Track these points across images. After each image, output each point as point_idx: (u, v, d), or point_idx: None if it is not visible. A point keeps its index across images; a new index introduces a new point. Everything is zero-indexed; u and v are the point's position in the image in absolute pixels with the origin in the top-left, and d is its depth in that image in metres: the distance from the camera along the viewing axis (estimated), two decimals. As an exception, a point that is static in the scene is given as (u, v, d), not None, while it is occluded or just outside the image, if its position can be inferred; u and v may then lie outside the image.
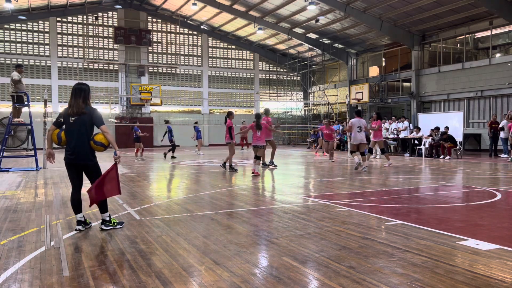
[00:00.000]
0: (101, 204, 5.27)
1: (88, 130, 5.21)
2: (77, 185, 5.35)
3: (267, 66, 35.57)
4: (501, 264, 3.86)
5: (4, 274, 3.71)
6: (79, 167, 5.27)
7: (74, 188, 5.35)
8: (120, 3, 30.35)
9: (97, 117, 5.24)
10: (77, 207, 5.28)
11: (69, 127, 5.20)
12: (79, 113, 5.17)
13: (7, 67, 27.51)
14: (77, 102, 5.20)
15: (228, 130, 12.55)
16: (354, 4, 22.29)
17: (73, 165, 5.25)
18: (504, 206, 6.84)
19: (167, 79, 32.11)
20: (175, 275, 3.64)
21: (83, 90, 5.26)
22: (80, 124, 5.17)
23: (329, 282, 3.45)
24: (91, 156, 5.26)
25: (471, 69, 21.43)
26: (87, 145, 5.20)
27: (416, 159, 17.62)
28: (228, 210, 6.54)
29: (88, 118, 5.19)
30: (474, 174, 11.67)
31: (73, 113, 5.18)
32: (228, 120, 12.77)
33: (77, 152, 5.17)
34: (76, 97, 5.22)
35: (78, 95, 5.22)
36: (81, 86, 5.31)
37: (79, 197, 5.33)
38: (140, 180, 10.68)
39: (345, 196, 7.82)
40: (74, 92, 5.25)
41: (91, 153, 5.28)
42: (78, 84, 5.37)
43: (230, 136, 12.59)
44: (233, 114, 13.12)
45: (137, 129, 17.98)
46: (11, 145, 25.28)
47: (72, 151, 5.18)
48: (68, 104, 5.32)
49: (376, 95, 27.31)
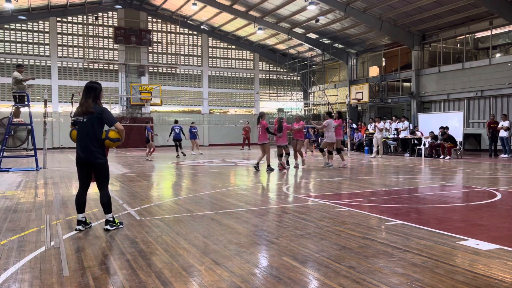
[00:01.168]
0: (106, 204, 5.27)
1: (96, 129, 5.17)
2: (85, 185, 5.35)
3: (267, 66, 35.57)
4: (501, 264, 3.86)
5: (4, 274, 3.71)
6: (88, 166, 5.25)
7: (81, 188, 5.35)
8: (120, 3, 30.35)
9: (107, 118, 5.20)
10: (81, 207, 5.29)
11: (80, 126, 5.20)
12: (87, 112, 5.15)
13: (7, 67, 27.51)
14: (87, 101, 5.18)
15: (265, 130, 12.78)
16: (354, 4, 22.28)
17: (83, 165, 5.25)
18: (504, 206, 6.83)
19: (167, 79, 32.11)
20: (175, 275, 3.64)
21: (95, 89, 5.23)
22: (89, 124, 5.15)
23: (329, 282, 3.46)
24: (100, 155, 5.23)
25: (471, 69, 21.43)
26: (95, 144, 5.17)
27: (416, 159, 17.62)
28: (228, 210, 6.54)
29: (97, 117, 5.15)
30: (474, 174, 11.67)
31: (82, 112, 5.17)
32: (263, 121, 12.92)
33: (85, 151, 5.16)
34: (87, 96, 5.20)
35: (89, 94, 5.20)
36: (93, 85, 5.28)
37: (84, 197, 5.34)
38: (140, 180, 10.68)
39: (345, 196, 7.82)
40: (86, 91, 5.23)
41: (100, 152, 5.24)
42: (90, 82, 5.32)
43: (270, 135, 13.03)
44: (265, 115, 13.36)
45: (150, 129, 18.10)
46: (12, 145, 25.29)
47: (82, 150, 5.18)
48: (79, 103, 5.30)
49: (376, 95, 27.31)
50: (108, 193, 5.33)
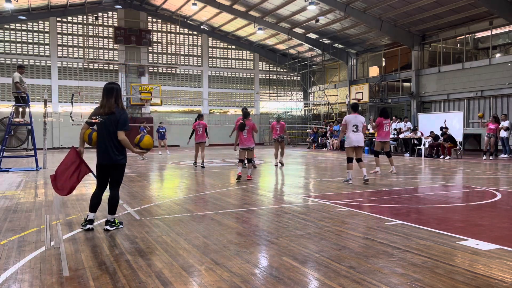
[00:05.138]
0: (113, 205, 5.28)
1: (116, 130, 5.18)
2: (103, 185, 5.37)
3: (267, 66, 35.56)
4: (501, 264, 3.86)
5: (4, 274, 3.71)
6: (108, 167, 5.26)
7: (98, 188, 5.36)
8: (120, 3, 30.34)
9: (122, 121, 5.18)
10: (95, 206, 5.31)
11: (100, 127, 5.21)
12: (109, 113, 5.15)
13: (7, 67, 27.50)
14: (109, 102, 5.18)
15: (283, 130, 14.20)
16: (354, 4, 22.28)
17: (103, 166, 5.26)
18: (504, 206, 6.83)
19: (167, 79, 32.11)
20: (175, 275, 3.64)
21: (115, 90, 5.24)
22: (110, 124, 5.15)
23: (329, 282, 3.46)
24: (121, 155, 5.25)
25: (471, 69, 21.43)
26: (116, 144, 5.19)
27: (416, 159, 17.62)
28: (228, 210, 6.54)
29: (116, 118, 5.16)
30: (474, 174, 11.67)
31: (104, 113, 5.17)
32: (282, 122, 14.45)
33: (106, 153, 5.18)
34: (108, 97, 5.20)
35: (110, 94, 5.21)
36: (113, 85, 5.28)
37: (100, 197, 5.35)
38: (140, 180, 10.68)
39: (345, 196, 7.82)
40: (106, 92, 5.22)
41: (121, 152, 5.26)
42: (110, 83, 5.31)
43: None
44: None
45: (143, 129, 18.02)
46: (13, 145, 25.28)
47: (103, 152, 5.19)
48: (100, 104, 5.28)
49: (376, 95, 27.31)
50: (118, 194, 5.35)
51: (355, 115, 9.79)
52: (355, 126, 9.60)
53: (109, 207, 5.29)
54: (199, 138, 14.29)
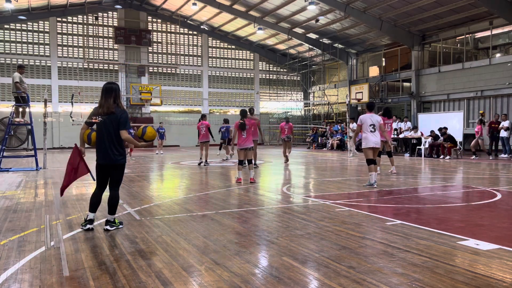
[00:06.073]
0: (113, 205, 5.28)
1: (116, 130, 5.17)
2: (103, 185, 5.37)
3: (267, 66, 35.57)
4: (501, 264, 3.86)
5: (4, 274, 3.71)
6: (108, 167, 5.26)
7: (98, 188, 5.36)
8: (120, 3, 30.34)
9: (123, 120, 5.18)
10: (95, 206, 5.31)
11: (99, 127, 5.20)
12: (108, 113, 5.14)
13: (7, 67, 27.51)
14: (107, 102, 5.16)
15: (291, 130, 15.43)
16: (354, 4, 22.28)
17: (103, 166, 5.26)
18: (504, 206, 6.83)
19: (167, 79, 32.11)
20: (175, 275, 3.64)
21: (114, 90, 5.23)
22: (110, 124, 5.14)
23: (329, 282, 3.45)
24: (120, 155, 5.25)
25: (471, 69, 21.42)
26: (116, 144, 5.18)
27: (416, 159, 17.62)
28: (228, 210, 6.54)
29: (116, 118, 5.15)
30: (474, 174, 11.67)
31: (103, 113, 5.16)
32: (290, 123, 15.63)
33: (106, 154, 5.17)
34: (107, 96, 5.18)
35: (109, 94, 5.19)
36: (112, 85, 5.27)
37: (100, 197, 5.36)
38: (140, 180, 10.68)
39: (345, 196, 7.82)
40: (105, 92, 5.21)
41: (121, 152, 5.26)
42: (109, 83, 5.30)
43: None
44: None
45: (162, 129, 18.08)
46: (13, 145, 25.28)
47: (102, 153, 5.19)
48: (98, 103, 5.27)
49: (376, 95, 27.31)
50: (118, 194, 5.36)
51: (370, 114, 9.36)
52: (372, 126, 9.19)
53: (109, 207, 5.29)
54: (202, 137, 14.88)
